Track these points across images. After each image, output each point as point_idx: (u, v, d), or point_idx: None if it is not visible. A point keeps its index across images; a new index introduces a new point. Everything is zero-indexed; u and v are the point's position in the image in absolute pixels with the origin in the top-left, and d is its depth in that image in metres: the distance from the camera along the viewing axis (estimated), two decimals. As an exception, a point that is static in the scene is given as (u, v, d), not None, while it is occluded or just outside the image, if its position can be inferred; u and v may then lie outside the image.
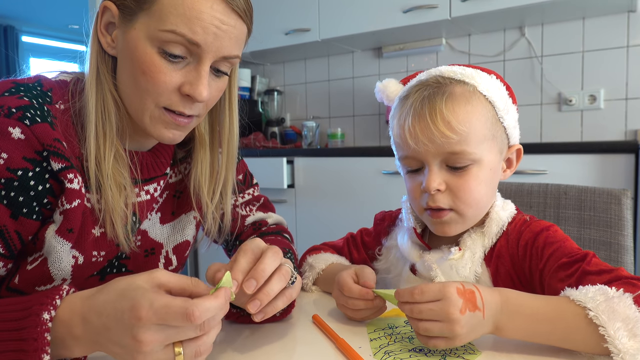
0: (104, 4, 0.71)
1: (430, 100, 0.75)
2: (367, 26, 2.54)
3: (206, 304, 0.51)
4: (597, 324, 0.57)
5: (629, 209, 1.01)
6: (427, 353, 0.61)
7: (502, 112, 0.78)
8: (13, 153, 0.63)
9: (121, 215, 0.73)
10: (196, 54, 0.69)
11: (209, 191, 0.85)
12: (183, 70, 0.70)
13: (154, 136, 0.75)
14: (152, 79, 0.69)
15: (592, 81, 2.35)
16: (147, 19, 0.67)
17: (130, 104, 0.73)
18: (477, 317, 0.59)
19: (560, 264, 0.70)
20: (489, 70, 0.83)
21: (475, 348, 0.63)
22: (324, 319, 0.73)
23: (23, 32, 5.70)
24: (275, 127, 3.13)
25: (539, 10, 2.22)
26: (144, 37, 0.68)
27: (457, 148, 0.74)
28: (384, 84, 0.88)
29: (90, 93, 0.71)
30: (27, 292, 0.72)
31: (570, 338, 0.59)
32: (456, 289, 0.59)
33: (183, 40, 0.67)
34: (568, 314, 0.59)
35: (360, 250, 0.98)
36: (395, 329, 0.70)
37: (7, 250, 0.66)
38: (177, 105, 0.71)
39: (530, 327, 0.60)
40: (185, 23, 0.66)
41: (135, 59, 0.69)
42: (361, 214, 2.35)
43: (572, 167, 1.86)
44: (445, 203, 0.77)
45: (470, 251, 0.79)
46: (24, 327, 0.52)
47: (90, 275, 0.77)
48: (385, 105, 0.90)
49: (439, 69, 0.82)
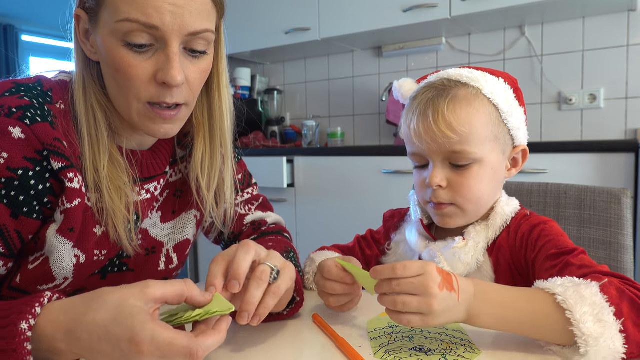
0: (75, 13, 0.71)
1: (434, 102, 0.79)
2: (367, 25, 2.54)
3: (209, 342, 0.51)
4: (565, 308, 0.58)
5: (629, 209, 1.01)
6: (428, 352, 0.61)
7: (505, 114, 0.80)
8: (13, 152, 0.63)
9: (122, 218, 0.73)
10: (160, 38, 0.66)
11: (207, 182, 0.83)
12: (153, 59, 0.68)
13: (146, 133, 0.74)
14: (126, 75, 0.67)
15: (592, 80, 2.35)
16: (106, 14, 0.67)
17: (118, 105, 0.73)
18: (453, 298, 0.60)
19: (548, 254, 0.73)
20: (499, 72, 0.85)
21: (475, 347, 0.63)
22: (324, 318, 0.73)
23: (23, 31, 5.68)
24: (275, 126, 3.13)
25: (539, 9, 2.22)
26: (108, 34, 0.67)
27: (458, 147, 0.78)
28: (399, 83, 0.92)
29: (78, 102, 0.71)
30: (29, 291, 0.72)
31: (540, 325, 0.61)
32: (435, 267, 0.60)
33: (140, 27, 0.65)
34: (538, 301, 0.61)
35: (373, 247, 1.00)
36: (396, 328, 0.70)
37: (7, 250, 0.66)
38: (157, 96, 0.69)
39: (501, 314, 0.62)
40: (137, 8, 0.64)
41: (108, 58, 0.68)
42: (361, 213, 2.35)
43: (572, 166, 1.86)
44: (446, 199, 0.81)
45: (474, 241, 0.82)
46: (3, 338, 0.50)
47: (92, 274, 0.77)
48: (401, 102, 0.93)
49: (447, 71, 0.84)
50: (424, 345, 0.63)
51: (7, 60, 5.39)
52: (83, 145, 0.71)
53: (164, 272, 0.87)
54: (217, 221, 0.88)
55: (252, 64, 3.34)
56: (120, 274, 0.81)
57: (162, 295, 0.53)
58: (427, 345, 0.63)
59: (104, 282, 0.79)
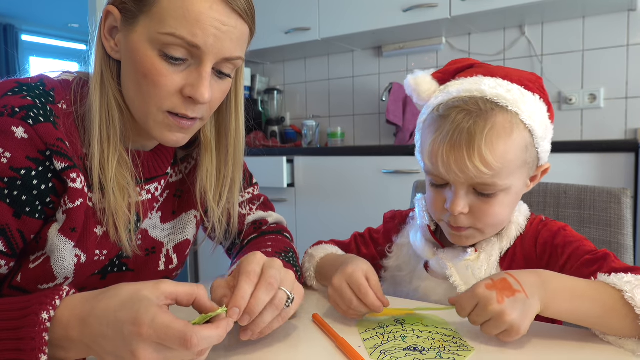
0: (107, 9, 0.71)
1: (470, 134, 0.72)
2: (367, 25, 2.54)
3: (205, 333, 0.51)
4: (633, 305, 0.60)
5: (629, 208, 1.01)
6: (422, 351, 0.61)
7: (539, 139, 0.77)
8: (16, 152, 0.64)
9: (124, 218, 0.74)
10: (197, 55, 0.68)
11: (214, 196, 0.84)
12: (184, 73, 0.69)
13: (157, 139, 0.75)
14: (154, 82, 0.68)
15: (592, 80, 2.35)
16: (148, 21, 0.67)
17: (134, 107, 0.73)
18: (520, 298, 0.61)
19: (583, 261, 0.73)
20: (532, 84, 0.78)
21: (468, 344, 0.63)
22: (324, 318, 0.73)
23: (23, 31, 5.69)
24: (275, 126, 3.13)
25: (539, 9, 2.22)
26: (145, 40, 0.68)
27: (489, 181, 0.73)
28: (415, 81, 0.83)
29: (95, 98, 0.71)
30: (30, 290, 0.72)
31: (607, 317, 0.62)
32: (484, 285, 0.62)
33: (183, 43, 0.67)
34: (605, 295, 0.63)
35: (370, 246, 0.98)
36: (387, 328, 0.70)
37: (9, 249, 0.66)
38: (179, 108, 0.71)
39: (573, 304, 0.63)
40: (185, 26, 0.66)
41: (137, 63, 0.69)
42: (361, 213, 2.35)
43: (572, 166, 1.86)
44: (466, 223, 0.78)
45: (486, 253, 0.80)
46: (22, 327, 0.51)
47: (92, 274, 0.77)
48: (414, 102, 0.85)
49: (481, 86, 0.75)
50: (418, 345, 0.63)
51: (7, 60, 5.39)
52: (92, 142, 0.71)
53: (164, 272, 0.87)
54: (218, 230, 0.88)
55: (252, 63, 3.35)
56: (120, 274, 0.81)
57: (174, 292, 0.54)
58: (420, 344, 0.63)
59: (103, 282, 0.79)
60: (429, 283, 0.85)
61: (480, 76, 0.78)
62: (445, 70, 0.84)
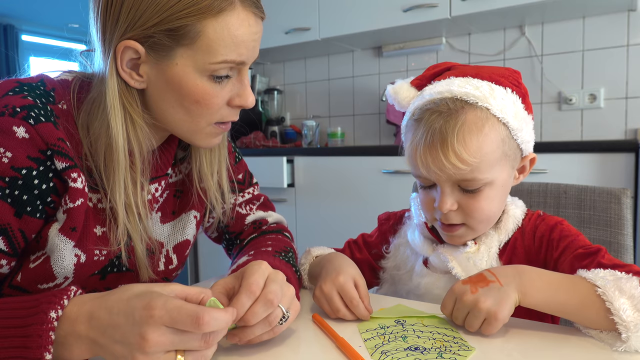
0: (124, 44, 0.68)
1: (441, 132, 0.75)
2: (367, 25, 2.54)
3: (216, 314, 0.52)
4: (605, 299, 0.62)
5: (629, 208, 1.01)
6: (423, 351, 0.61)
7: (515, 131, 0.78)
8: (17, 152, 0.64)
9: (124, 219, 0.74)
10: (238, 68, 0.73)
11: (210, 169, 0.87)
12: (228, 86, 0.73)
13: (200, 146, 0.79)
14: (207, 104, 0.72)
15: (592, 80, 2.35)
16: (192, 53, 0.69)
17: (179, 127, 0.76)
18: (494, 287, 0.65)
19: (576, 254, 0.75)
20: (505, 79, 0.80)
21: (469, 345, 0.63)
22: (324, 318, 0.73)
23: (23, 31, 5.68)
24: (275, 126, 3.13)
25: (539, 9, 2.22)
26: (192, 71, 0.70)
27: (469, 176, 0.76)
28: (394, 90, 0.86)
29: (117, 131, 0.70)
30: (30, 290, 0.72)
31: (585, 309, 0.64)
32: (459, 282, 0.67)
33: (232, 64, 0.71)
34: (582, 288, 0.65)
35: (363, 251, 0.99)
36: (387, 328, 0.70)
37: (10, 249, 0.66)
38: (227, 117, 0.76)
39: (550, 294, 0.66)
40: (233, 50, 0.70)
41: (184, 91, 0.71)
42: (361, 213, 2.35)
43: (572, 166, 1.86)
44: (456, 220, 0.80)
45: (486, 245, 0.82)
46: (30, 324, 0.52)
47: (92, 274, 0.77)
48: (397, 109, 0.88)
49: (450, 87, 0.77)
50: (419, 345, 0.63)
51: (7, 60, 5.38)
52: (116, 183, 0.71)
53: (164, 272, 0.87)
54: (217, 209, 0.89)
55: (252, 63, 3.34)
56: (119, 275, 0.81)
57: (183, 290, 0.56)
58: (421, 345, 0.63)
59: (103, 283, 0.79)
60: (430, 278, 0.86)
61: (452, 77, 0.80)
62: (423, 77, 0.87)
